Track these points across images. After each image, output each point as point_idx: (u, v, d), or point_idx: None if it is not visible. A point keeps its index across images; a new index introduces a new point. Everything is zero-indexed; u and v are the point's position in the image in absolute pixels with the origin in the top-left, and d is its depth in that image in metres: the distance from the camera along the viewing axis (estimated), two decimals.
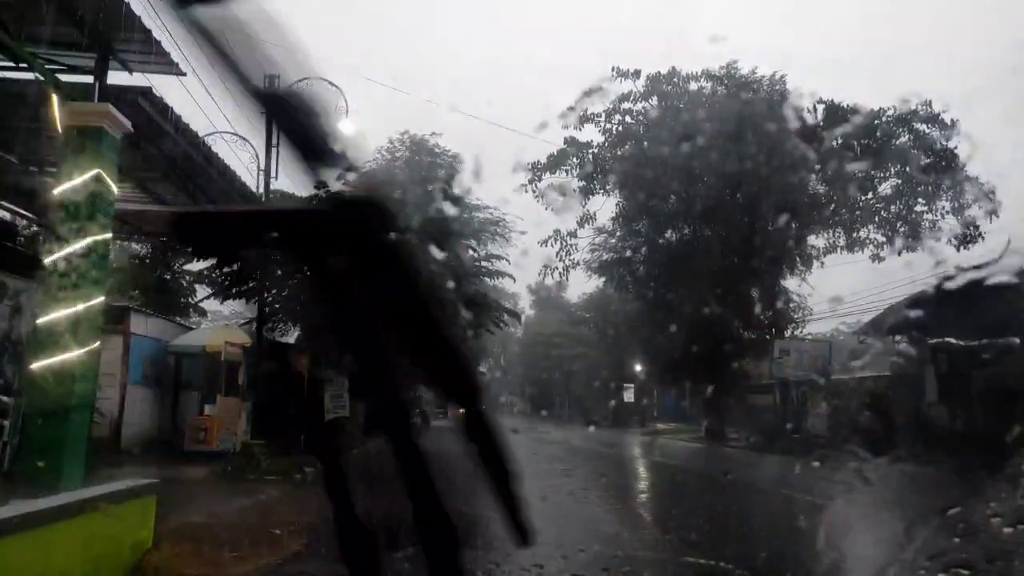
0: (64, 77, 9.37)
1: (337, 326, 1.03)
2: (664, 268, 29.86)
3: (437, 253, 21.34)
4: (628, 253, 32.15)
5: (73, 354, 8.00)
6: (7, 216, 14.23)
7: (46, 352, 8.04)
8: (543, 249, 29.87)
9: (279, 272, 21.48)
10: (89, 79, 9.35)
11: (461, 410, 0.99)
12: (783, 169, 24.95)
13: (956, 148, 26.08)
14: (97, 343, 8.70)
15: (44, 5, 8.23)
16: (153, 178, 11.93)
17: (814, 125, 27.35)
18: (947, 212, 26.39)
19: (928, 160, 26.43)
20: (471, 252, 26.19)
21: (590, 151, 29.96)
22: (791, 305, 29.60)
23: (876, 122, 26.80)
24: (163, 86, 10.48)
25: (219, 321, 29.76)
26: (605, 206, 30.89)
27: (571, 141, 29.87)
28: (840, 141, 27.43)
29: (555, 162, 29.98)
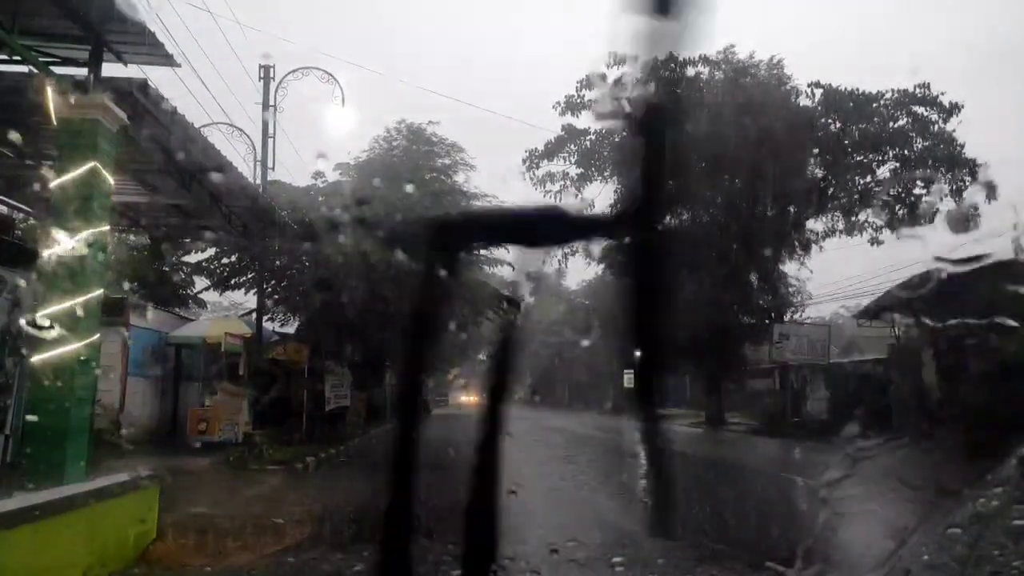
0: (58, 70, 9.33)
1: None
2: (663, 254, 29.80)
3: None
4: (628, 239, 32.09)
5: (73, 347, 8.01)
6: (4, 210, 14.20)
7: (46, 345, 8.05)
8: None
9: (277, 263, 21.52)
10: (84, 71, 9.30)
11: None
12: (781, 153, 24.88)
13: (955, 131, 26.07)
14: (97, 335, 8.70)
15: None
16: (150, 170, 11.88)
17: (812, 109, 27.30)
18: (945, 195, 26.37)
19: (927, 143, 26.38)
20: None
21: (587, 138, 29.89)
22: (790, 289, 29.62)
23: (874, 105, 26.72)
24: (159, 79, 10.44)
25: (219, 312, 29.80)
26: (603, 193, 30.89)
27: (568, 128, 29.80)
28: (838, 125, 27.38)
29: (552, 149, 29.91)
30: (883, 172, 27.77)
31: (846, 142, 27.23)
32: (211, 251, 22.12)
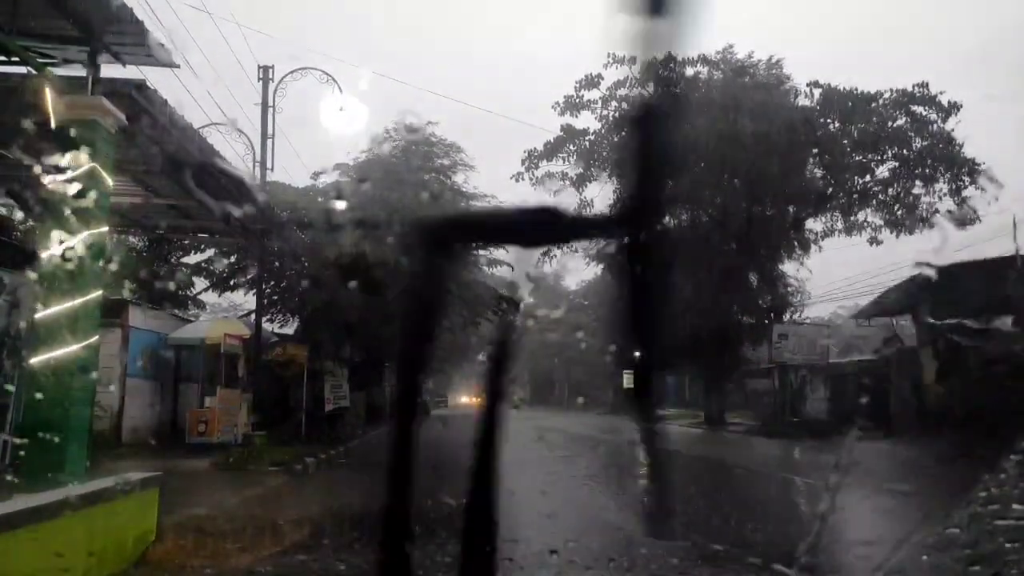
0: (57, 71, 9.32)
1: None
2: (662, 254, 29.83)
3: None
4: (626, 240, 32.09)
5: (72, 348, 8.00)
6: (3, 211, 14.19)
7: (45, 347, 8.04)
8: None
9: (277, 264, 21.51)
10: (82, 72, 9.30)
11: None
12: (780, 153, 24.88)
13: (954, 130, 26.09)
14: (96, 337, 8.70)
15: None
16: (149, 171, 11.87)
17: (811, 109, 27.30)
18: (944, 194, 26.38)
19: (925, 142, 26.39)
20: None
21: (587, 138, 29.88)
22: (789, 289, 29.63)
23: (873, 105, 26.73)
24: (157, 80, 10.45)
25: (218, 314, 29.78)
26: (602, 193, 30.90)
27: (567, 128, 29.79)
28: (837, 125, 27.39)
29: (552, 150, 29.90)
30: (882, 172, 27.79)
31: (845, 142, 27.23)
32: (210, 252, 22.11)
